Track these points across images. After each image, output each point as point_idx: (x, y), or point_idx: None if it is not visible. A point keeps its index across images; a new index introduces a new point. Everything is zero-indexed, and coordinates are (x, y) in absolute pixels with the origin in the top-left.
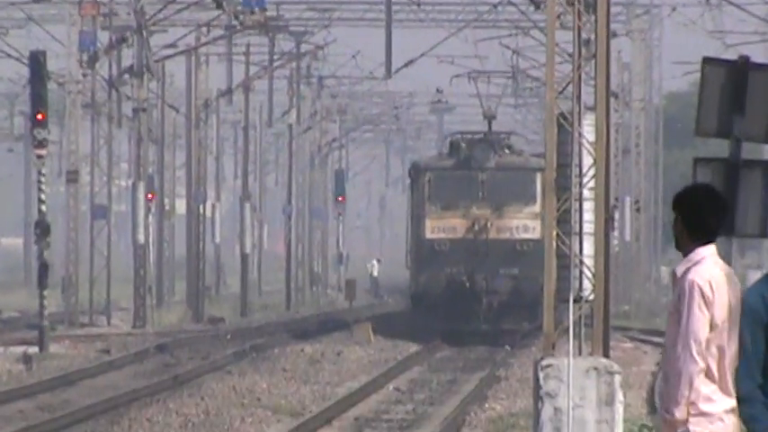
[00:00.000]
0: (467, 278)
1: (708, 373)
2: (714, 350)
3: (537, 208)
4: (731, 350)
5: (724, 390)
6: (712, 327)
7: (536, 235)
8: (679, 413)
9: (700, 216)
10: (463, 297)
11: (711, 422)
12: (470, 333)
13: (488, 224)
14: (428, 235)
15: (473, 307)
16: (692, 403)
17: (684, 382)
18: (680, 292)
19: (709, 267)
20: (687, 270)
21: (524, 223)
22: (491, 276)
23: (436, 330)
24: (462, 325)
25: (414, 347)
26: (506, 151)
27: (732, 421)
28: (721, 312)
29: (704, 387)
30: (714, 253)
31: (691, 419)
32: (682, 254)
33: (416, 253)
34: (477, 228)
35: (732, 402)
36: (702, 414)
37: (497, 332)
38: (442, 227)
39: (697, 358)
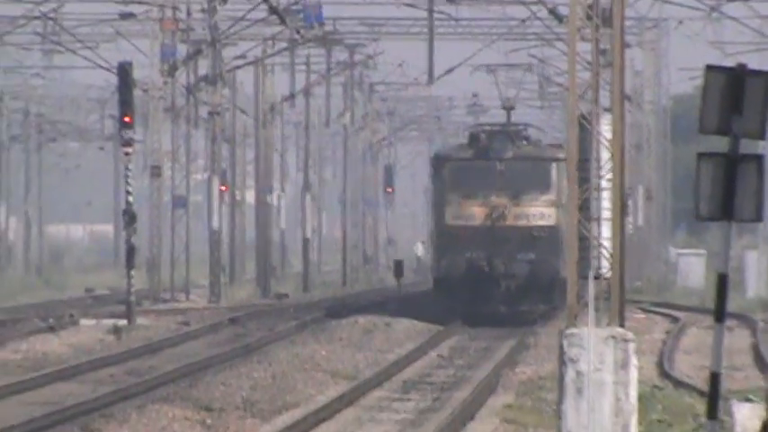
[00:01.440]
0: (486, 263)
1: None
2: None
3: (552, 196)
4: None
5: None
6: None
7: (551, 222)
8: None
9: None
10: (482, 281)
11: None
12: (490, 315)
13: (506, 211)
14: (449, 221)
15: (492, 290)
16: None
17: None
18: None
19: None
20: None
21: (540, 211)
22: (509, 261)
23: (457, 312)
24: (482, 307)
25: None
26: (524, 142)
27: None
28: None
29: None
30: None
31: None
32: None
33: (438, 239)
34: (495, 215)
35: None
36: None
37: (515, 313)
38: (463, 214)
39: None
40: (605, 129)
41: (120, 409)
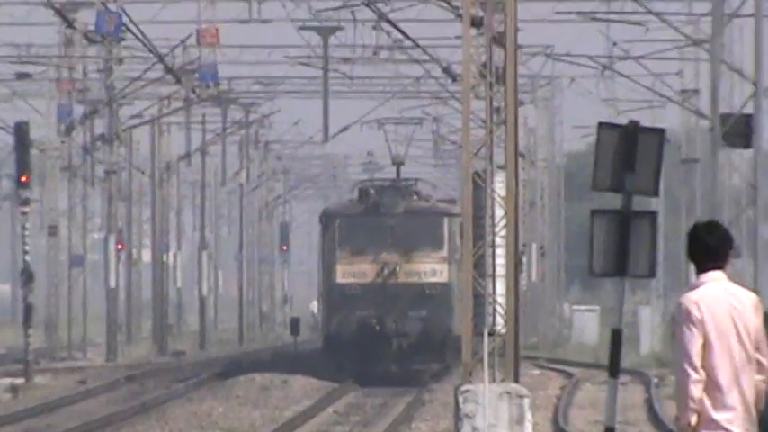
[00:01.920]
0: (377, 321)
1: (708, 385)
2: (713, 363)
3: (445, 252)
4: (731, 364)
5: (725, 401)
6: (706, 342)
7: (444, 278)
8: (685, 419)
9: (697, 246)
10: (373, 339)
11: (716, 429)
12: (382, 374)
13: (397, 268)
14: (339, 279)
15: (383, 349)
16: (701, 412)
17: (683, 393)
18: (675, 314)
19: (703, 290)
20: (682, 295)
21: (432, 267)
22: (400, 319)
23: (349, 371)
24: (374, 366)
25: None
26: (414, 197)
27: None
28: (716, 328)
29: (706, 397)
30: (718, 278)
31: (702, 427)
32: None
33: (328, 297)
34: (386, 272)
35: (729, 414)
36: (711, 421)
37: (408, 372)
38: (353, 271)
39: (689, 371)
40: (499, 186)
41: None
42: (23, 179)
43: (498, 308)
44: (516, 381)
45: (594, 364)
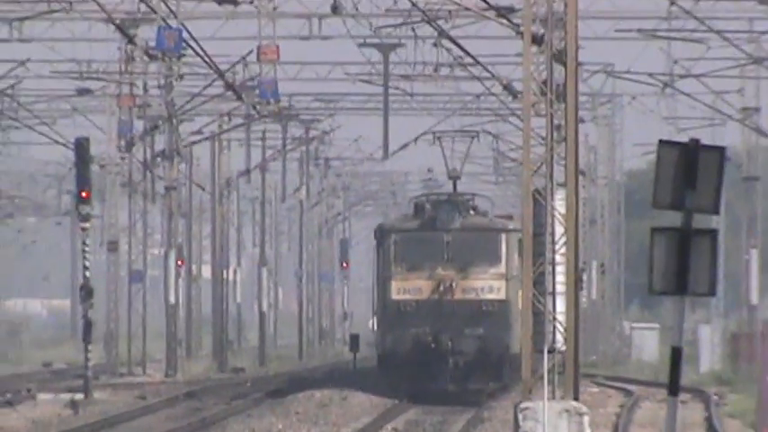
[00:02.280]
0: (432, 339)
1: None
2: None
3: (502, 269)
4: None
5: None
6: None
7: (501, 295)
8: None
9: None
10: (429, 357)
11: None
12: (438, 393)
13: (453, 285)
14: (394, 296)
15: (439, 367)
16: None
17: None
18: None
19: None
20: None
21: (489, 284)
22: (456, 337)
23: (404, 390)
24: (429, 384)
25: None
26: (471, 212)
27: None
28: None
29: None
30: None
31: None
32: None
33: (383, 314)
34: (442, 288)
35: None
36: None
37: (464, 391)
38: (408, 288)
39: None
40: (559, 203)
41: None
42: (84, 195)
43: (558, 325)
44: (576, 398)
45: (654, 383)
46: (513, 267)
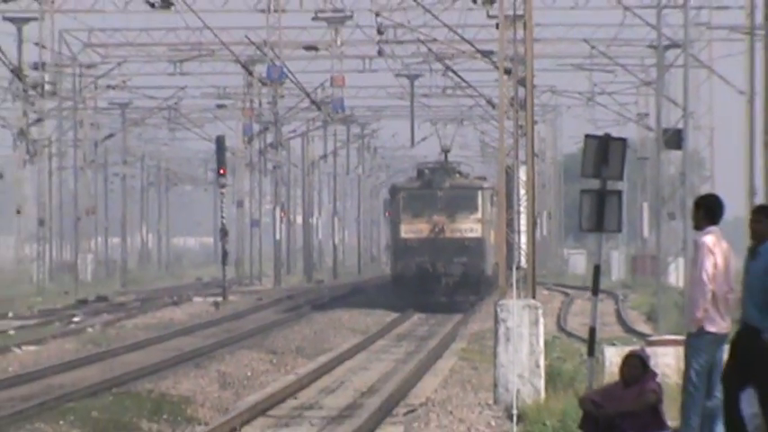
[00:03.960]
0: (430, 265)
1: (712, 296)
2: (716, 283)
3: (479, 215)
4: (723, 288)
5: (720, 310)
6: (715, 268)
7: (478, 234)
8: (698, 313)
9: (712, 209)
10: (428, 278)
11: (715, 322)
12: (434, 304)
13: (444, 227)
14: (403, 235)
15: (435, 285)
16: (706, 310)
17: (700, 296)
18: (696, 248)
19: (711, 236)
20: (700, 237)
21: (470, 226)
22: (447, 263)
23: (411, 303)
24: (428, 298)
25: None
26: (457, 175)
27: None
28: (719, 261)
29: (710, 305)
30: (717, 230)
31: (705, 320)
32: (698, 231)
33: (395, 247)
34: (436, 229)
35: (725, 323)
36: (709, 318)
37: (453, 302)
38: (413, 229)
39: (707, 282)
40: (522, 174)
41: (219, 353)
42: (221, 172)
43: (522, 251)
44: (533, 298)
45: (582, 287)
46: (487, 214)
